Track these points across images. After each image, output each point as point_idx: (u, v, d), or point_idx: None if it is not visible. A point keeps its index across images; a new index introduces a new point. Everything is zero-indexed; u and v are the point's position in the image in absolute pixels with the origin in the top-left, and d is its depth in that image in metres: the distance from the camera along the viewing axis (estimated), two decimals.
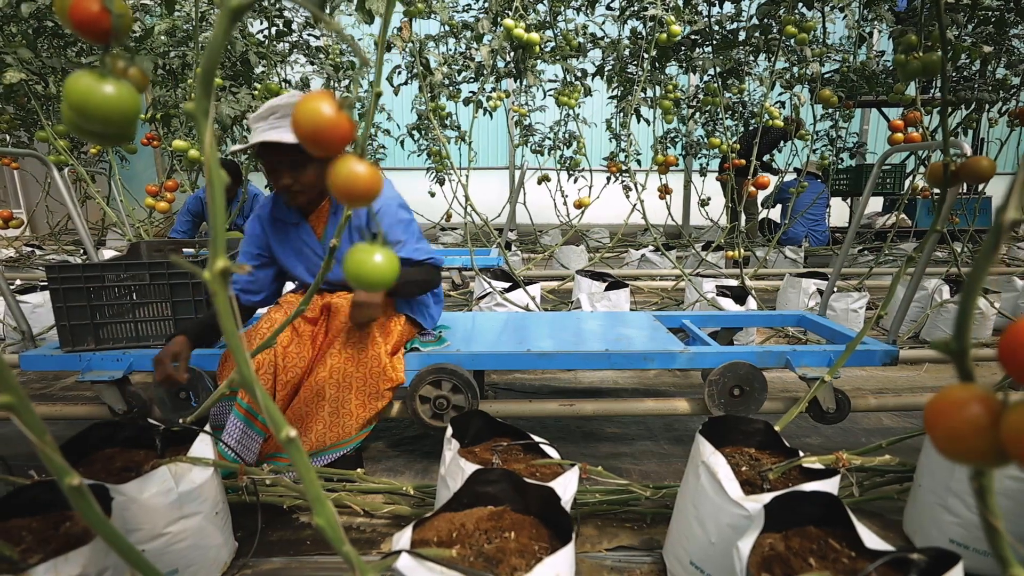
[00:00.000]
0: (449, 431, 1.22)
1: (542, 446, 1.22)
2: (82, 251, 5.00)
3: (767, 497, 0.95)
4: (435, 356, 1.61)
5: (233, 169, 3.28)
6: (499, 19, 2.77)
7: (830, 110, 4.53)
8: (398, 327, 1.59)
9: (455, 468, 1.10)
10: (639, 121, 3.73)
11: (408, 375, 1.57)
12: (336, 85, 3.74)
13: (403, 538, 0.87)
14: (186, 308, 1.73)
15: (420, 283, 1.56)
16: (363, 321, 1.43)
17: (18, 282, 2.93)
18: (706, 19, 3.21)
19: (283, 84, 3.81)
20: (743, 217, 4.60)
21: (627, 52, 3.34)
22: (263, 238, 1.57)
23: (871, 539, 0.89)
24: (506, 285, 2.88)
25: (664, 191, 4.16)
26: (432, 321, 1.76)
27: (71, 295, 1.63)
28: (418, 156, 5.45)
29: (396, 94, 3.26)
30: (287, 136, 1.30)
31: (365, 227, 1.54)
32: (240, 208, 3.33)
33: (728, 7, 3.30)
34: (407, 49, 2.74)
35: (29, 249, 5.26)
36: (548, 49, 3.25)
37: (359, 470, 1.42)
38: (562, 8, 3.25)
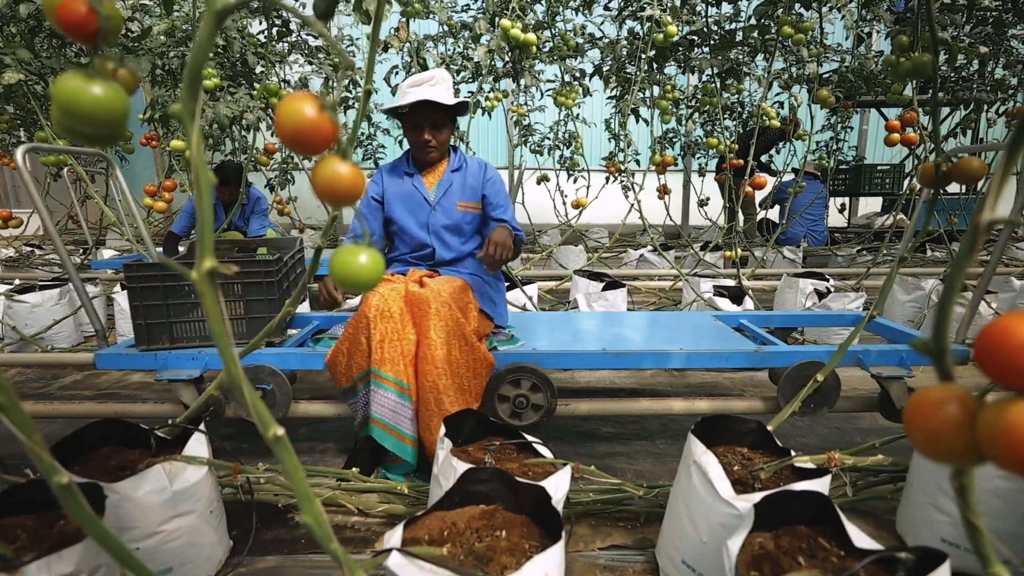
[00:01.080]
0: (442, 430, 1.23)
1: (535, 445, 1.22)
2: (82, 251, 5.00)
3: (757, 496, 0.95)
4: (513, 355, 1.62)
5: (236, 171, 3.29)
6: (497, 19, 2.78)
7: (830, 120, 4.53)
8: (476, 317, 1.67)
9: (448, 467, 1.11)
10: (638, 121, 3.74)
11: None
12: (335, 85, 3.74)
13: (394, 536, 0.87)
14: (258, 307, 1.74)
15: (520, 244, 1.70)
16: (500, 260, 1.51)
17: (17, 282, 2.94)
18: (704, 19, 3.21)
19: (282, 84, 3.82)
20: (741, 217, 4.60)
21: (625, 52, 3.34)
22: (380, 186, 1.77)
23: (860, 538, 0.89)
24: (506, 284, 2.89)
25: (663, 191, 4.17)
26: (503, 319, 1.83)
27: (148, 294, 1.64)
28: None
29: (394, 94, 3.27)
30: (443, 97, 1.59)
31: (479, 192, 1.76)
32: (240, 209, 3.35)
33: (726, 7, 3.30)
34: (405, 49, 2.75)
35: (29, 249, 5.28)
36: (546, 49, 3.25)
37: (354, 468, 1.43)
38: (560, 8, 3.26)
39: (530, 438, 1.24)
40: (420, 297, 1.49)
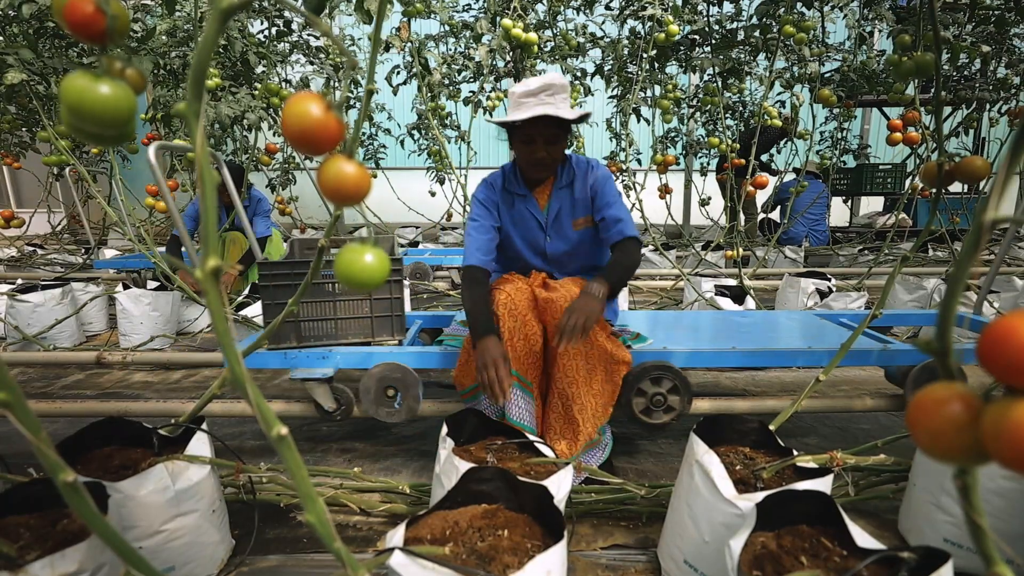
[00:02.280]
0: (444, 430, 1.23)
1: (537, 445, 1.22)
2: (83, 251, 5.01)
3: (760, 496, 0.95)
4: (647, 353, 1.60)
5: (237, 173, 3.29)
6: (498, 19, 2.78)
7: (834, 111, 4.53)
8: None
9: (450, 466, 1.11)
10: (639, 121, 3.74)
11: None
12: (336, 85, 3.75)
13: (396, 536, 0.87)
14: (383, 306, 1.73)
15: (636, 263, 1.54)
16: (581, 326, 1.31)
17: (19, 281, 2.94)
18: (705, 19, 3.21)
19: (283, 84, 3.82)
20: (742, 217, 4.60)
21: (626, 52, 3.34)
22: (496, 210, 1.61)
23: (863, 538, 0.89)
24: None
25: (664, 191, 4.16)
26: (615, 315, 1.73)
27: (278, 292, 1.63)
28: (418, 155, 5.46)
29: (395, 94, 3.28)
30: (563, 111, 1.40)
31: (589, 200, 1.57)
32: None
33: (727, 7, 3.30)
34: (406, 49, 2.75)
35: (31, 249, 5.28)
36: (547, 49, 3.25)
37: (356, 468, 1.43)
38: (561, 8, 3.26)
39: (532, 437, 1.24)
40: (550, 300, 1.43)
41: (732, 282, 3.03)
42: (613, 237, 1.54)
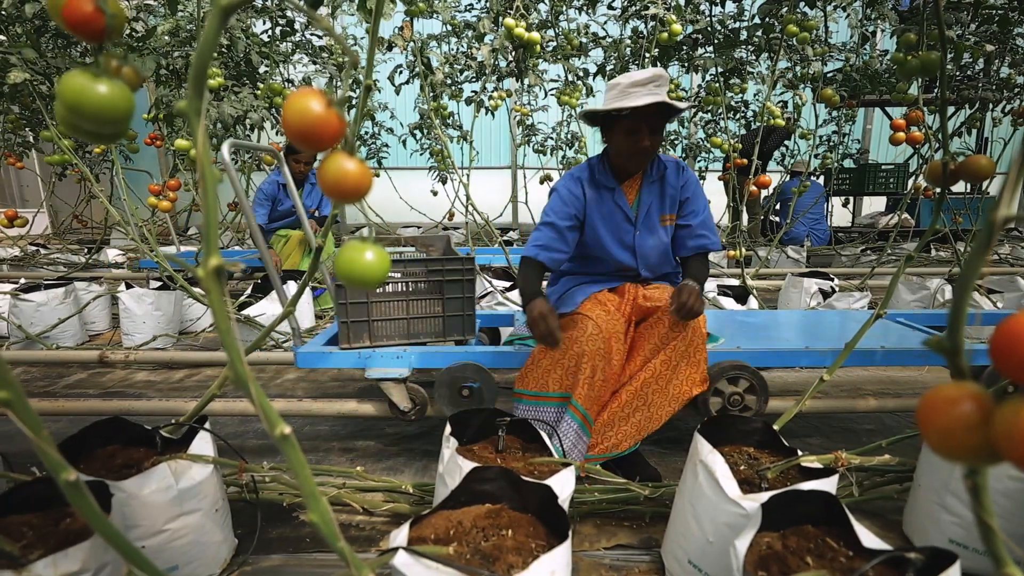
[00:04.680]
0: (448, 429, 1.22)
1: (544, 437, 1.22)
2: (85, 251, 5.02)
3: (765, 496, 0.94)
4: (724, 353, 1.60)
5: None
6: (500, 18, 2.77)
7: (833, 113, 4.52)
8: None
9: (453, 466, 1.10)
10: None
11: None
12: (339, 84, 3.75)
13: (400, 535, 0.87)
14: (455, 305, 1.73)
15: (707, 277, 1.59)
16: (692, 311, 1.37)
17: (23, 281, 2.95)
18: (708, 18, 3.20)
19: (286, 84, 3.82)
20: (745, 216, 4.59)
21: (628, 51, 3.33)
22: (582, 201, 1.56)
23: (869, 538, 0.89)
24: (507, 284, 2.88)
25: None
26: None
27: (352, 292, 1.62)
28: (420, 155, 5.46)
29: (397, 93, 3.27)
30: (676, 103, 1.40)
31: (678, 199, 1.57)
32: (310, 188, 3.31)
33: (730, 6, 3.29)
34: (409, 48, 2.75)
35: (34, 248, 5.30)
36: (549, 49, 3.25)
37: (359, 468, 1.43)
38: (563, 8, 3.25)
39: (543, 433, 1.24)
40: (656, 320, 1.46)
41: (735, 282, 3.03)
42: (695, 247, 1.57)
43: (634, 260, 1.59)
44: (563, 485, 1.05)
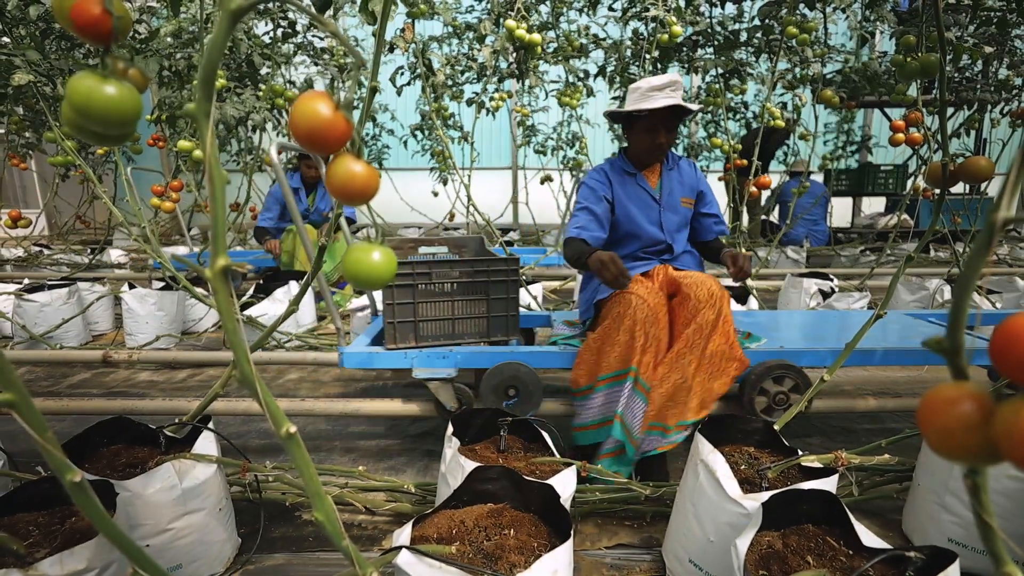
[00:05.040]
0: (450, 429, 1.23)
1: (544, 435, 1.23)
2: (88, 251, 5.03)
3: (765, 495, 0.95)
4: (768, 352, 1.62)
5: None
6: (501, 20, 2.78)
7: (830, 113, 4.52)
8: None
9: (455, 466, 1.11)
10: None
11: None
12: (341, 86, 3.76)
13: (403, 535, 0.87)
14: (500, 306, 1.73)
15: None
16: (746, 272, 1.53)
17: (26, 281, 2.96)
18: (708, 20, 3.21)
19: (288, 85, 3.83)
20: (745, 217, 4.59)
21: (629, 53, 3.34)
22: (608, 185, 1.73)
23: (869, 537, 0.89)
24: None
25: None
26: None
27: (400, 293, 1.63)
28: (421, 156, 5.47)
29: (399, 95, 3.28)
30: (689, 104, 1.60)
31: (694, 187, 1.78)
32: (323, 192, 3.32)
33: (730, 8, 3.30)
34: (410, 50, 2.76)
35: (37, 249, 5.31)
36: (550, 50, 3.26)
37: (361, 467, 1.43)
38: (564, 9, 3.26)
39: (544, 433, 1.25)
40: (684, 295, 1.51)
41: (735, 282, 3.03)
42: (713, 232, 1.82)
43: (663, 233, 1.73)
44: (565, 484, 1.06)
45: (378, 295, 2.02)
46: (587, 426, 1.50)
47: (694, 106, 1.60)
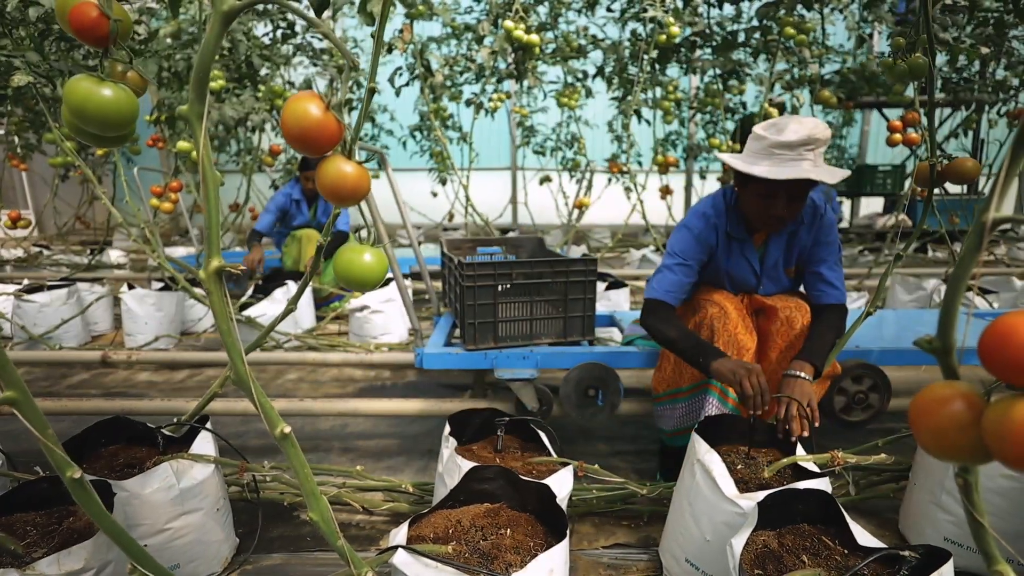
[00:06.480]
0: (447, 429, 1.23)
1: (541, 435, 1.23)
2: (89, 251, 5.03)
3: (761, 495, 0.95)
4: (844, 352, 1.50)
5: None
6: (500, 21, 2.79)
7: (831, 118, 4.52)
8: None
9: (452, 465, 1.11)
10: (640, 122, 3.75)
11: None
12: (338, 86, 3.76)
13: (400, 534, 0.88)
14: (577, 306, 1.71)
15: (841, 336, 1.38)
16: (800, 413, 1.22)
17: (26, 282, 2.96)
18: (706, 20, 3.21)
19: (287, 86, 3.84)
20: None
21: (627, 54, 3.35)
22: (714, 247, 1.47)
23: (864, 537, 0.90)
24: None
25: (665, 191, 4.17)
26: None
27: (481, 293, 1.62)
28: (420, 156, 5.47)
29: (398, 95, 3.28)
30: (824, 173, 1.21)
31: (810, 244, 1.45)
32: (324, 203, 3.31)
33: (728, 9, 3.30)
34: (409, 51, 2.76)
35: (37, 249, 5.31)
36: (549, 51, 3.26)
37: (359, 467, 1.43)
38: (563, 10, 3.27)
39: (541, 433, 1.25)
40: (771, 308, 1.40)
41: None
42: (822, 299, 1.44)
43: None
44: (561, 484, 1.06)
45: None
46: (676, 432, 1.46)
47: (831, 177, 1.22)
